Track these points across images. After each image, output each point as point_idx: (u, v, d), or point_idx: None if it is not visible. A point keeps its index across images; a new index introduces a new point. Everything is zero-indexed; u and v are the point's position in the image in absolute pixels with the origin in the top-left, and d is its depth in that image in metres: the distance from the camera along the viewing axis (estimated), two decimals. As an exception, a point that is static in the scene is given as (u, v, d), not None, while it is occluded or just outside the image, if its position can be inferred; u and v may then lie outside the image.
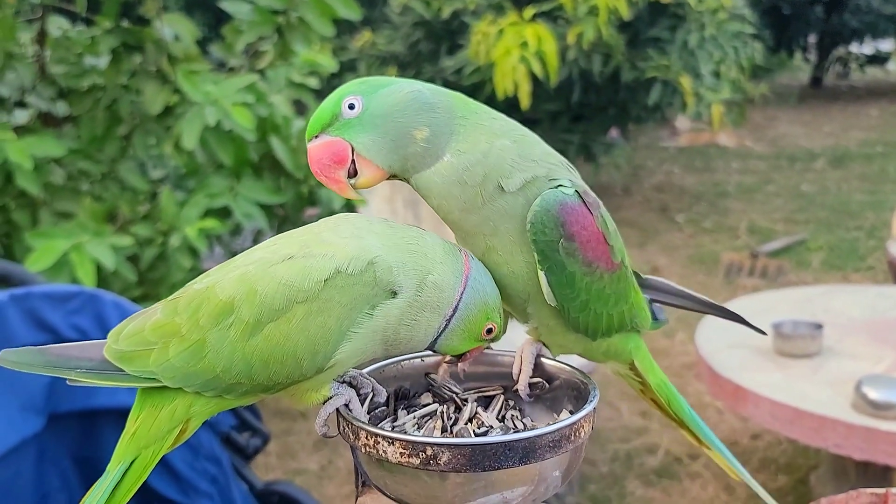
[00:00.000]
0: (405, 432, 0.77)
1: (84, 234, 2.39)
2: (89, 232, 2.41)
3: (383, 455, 0.71)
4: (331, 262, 0.74)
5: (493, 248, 0.81)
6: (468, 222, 0.81)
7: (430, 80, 1.14)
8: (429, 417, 0.81)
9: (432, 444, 0.70)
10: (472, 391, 0.86)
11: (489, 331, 0.81)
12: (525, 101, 5.41)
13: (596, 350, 0.90)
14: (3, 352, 0.77)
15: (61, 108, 2.91)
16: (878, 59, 16.35)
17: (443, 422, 0.80)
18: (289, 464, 3.47)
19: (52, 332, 1.52)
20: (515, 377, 0.86)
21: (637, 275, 0.93)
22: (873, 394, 2.42)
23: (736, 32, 7.05)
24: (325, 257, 0.74)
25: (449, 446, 0.69)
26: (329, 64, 3.21)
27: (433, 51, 6.99)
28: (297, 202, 2.98)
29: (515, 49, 5.53)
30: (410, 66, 7.05)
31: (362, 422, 0.75)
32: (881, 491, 0.83)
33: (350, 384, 0.81)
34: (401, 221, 0.83)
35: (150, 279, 2.69)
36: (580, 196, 0.80)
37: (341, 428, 0.78)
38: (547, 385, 0.86)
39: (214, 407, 0.78)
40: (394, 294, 0.75)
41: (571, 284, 0.80)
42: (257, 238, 3.07)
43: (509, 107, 4.98)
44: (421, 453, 0.70)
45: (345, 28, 7.10)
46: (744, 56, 7.29)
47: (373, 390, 0.82)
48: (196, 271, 2.55)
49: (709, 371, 2.82)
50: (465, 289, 0.78)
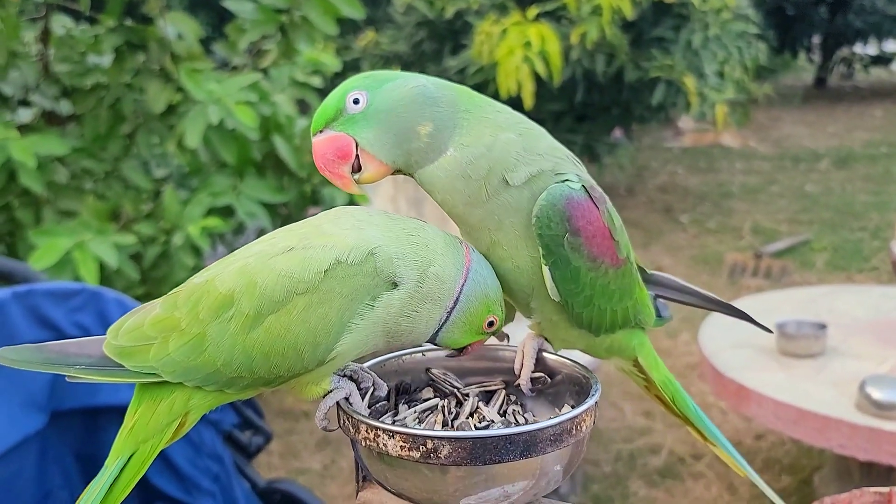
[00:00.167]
0: (406, 426, 0.77)
1: (87, 232, 2.40)
2: (92, 230, 2.42)
3: (384, 448, 0.71)
4: (331, 252, 0.73)
5: (497, 243, 0.81)
6: (473, 217, 0.80)
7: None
8: (430, 412, 0.81)
9: (433, 438, 0.69)
10: (474, 386, 0.86)
11: (490, 323, 0.81)
12: (528, 101, 5.40)
13: (599, 346, 0.89)
14: (2, 350, 0.76)
15: (65, 107, 2.92)
16: (883, 60, 16.29)
17: (444, 416, 0.79)
18: (291, 463, 3.47)
19: (55, 330, 1.52)
20: (517, 372, 0.86)
21: (642, 270, 0.93)
22: (877, 394, 2.41)
23: (740, 32, 7.03)
24: (326, 248, 0.74)
25: (449, 439, 0.69)
26: (332, 63, 3.21)
27: (436, 50, 6.98)
28: (300, 201, 2.98)
29: (519, 49, 5.52)
30: (414, 65, 7.04)
31: (362, 415, 0.75)
32: (885, 490, 0.83)
33: (351, 378, 0.81)
34: (403, 218, 0.82)
35: (153, 278, 2.69)
36: (586, 191, 0.80)
37: (341, 421, 0.77)
38: (549, 380, 0.86)
39: (213, 400, 0.77)
40: (395, 285, 0.75)
41: (576, 279, 0.80)
42: (260, 237, 3.07)
43: (512, 107, 4.90)
44: (421, 446, 0.69)
45: (348, 27, 7.11)
46: (748, 56, 7.27)
47: (373, 384, 0.82)
48: (199, 270, 2.54)
49: (712, 371, 2.82)
50: (466, 281, 0.78)
